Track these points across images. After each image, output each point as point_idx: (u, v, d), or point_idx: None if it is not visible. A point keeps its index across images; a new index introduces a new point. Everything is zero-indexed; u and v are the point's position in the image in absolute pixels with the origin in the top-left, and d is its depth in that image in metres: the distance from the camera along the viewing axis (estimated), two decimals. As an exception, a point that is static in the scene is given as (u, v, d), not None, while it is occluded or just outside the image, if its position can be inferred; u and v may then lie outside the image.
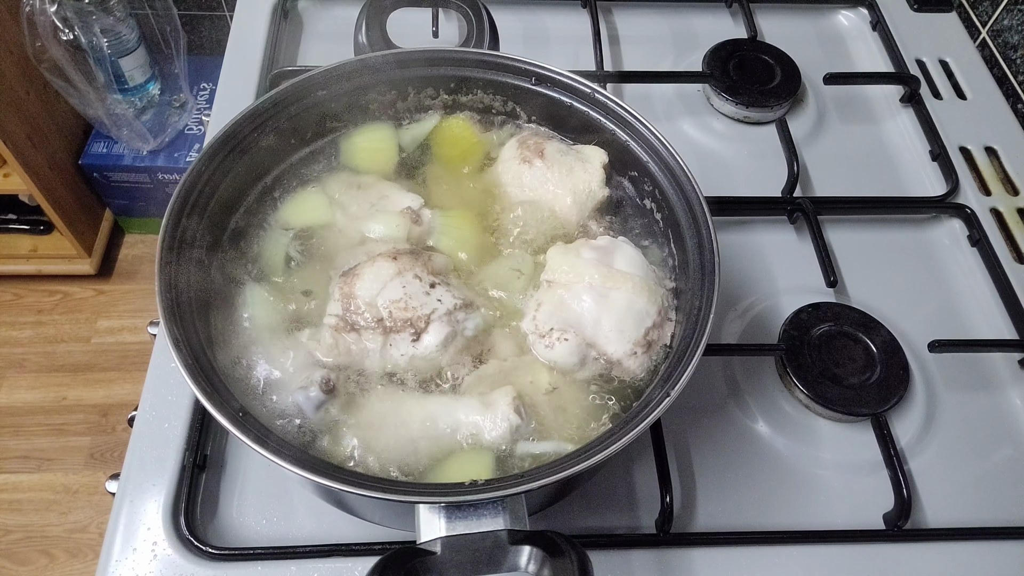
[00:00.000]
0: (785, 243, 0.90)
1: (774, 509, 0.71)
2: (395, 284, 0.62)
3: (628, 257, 0.65)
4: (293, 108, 0.69)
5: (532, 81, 0.72)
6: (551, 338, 0.62)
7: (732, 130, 1.01)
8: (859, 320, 0.80)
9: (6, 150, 1.66)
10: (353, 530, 0.67)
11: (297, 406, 0.59)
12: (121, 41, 1.74)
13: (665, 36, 1.11)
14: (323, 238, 0.69)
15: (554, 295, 0.64)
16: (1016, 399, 0.80)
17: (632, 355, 0.62)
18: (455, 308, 0.61)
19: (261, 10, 1.05)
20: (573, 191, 0.71)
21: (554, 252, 0.67)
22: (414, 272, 0.62)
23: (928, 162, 0.98)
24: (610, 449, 0.50)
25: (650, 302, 0.63)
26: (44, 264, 2.02)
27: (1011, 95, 1.07)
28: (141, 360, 1.97)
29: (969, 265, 0.90)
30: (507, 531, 0.49)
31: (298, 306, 0.65)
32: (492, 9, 0.78)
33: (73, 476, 1.80)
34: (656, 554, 0.67)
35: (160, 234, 0.58)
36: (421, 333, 0.60)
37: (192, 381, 0.52)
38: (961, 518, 0.72)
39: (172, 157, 1.90)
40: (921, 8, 1.15)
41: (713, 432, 0.75)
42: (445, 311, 0.61)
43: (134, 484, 0.68)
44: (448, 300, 0.61)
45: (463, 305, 0.62)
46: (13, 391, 1.92)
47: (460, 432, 0.59)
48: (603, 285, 0.63)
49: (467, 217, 0.71)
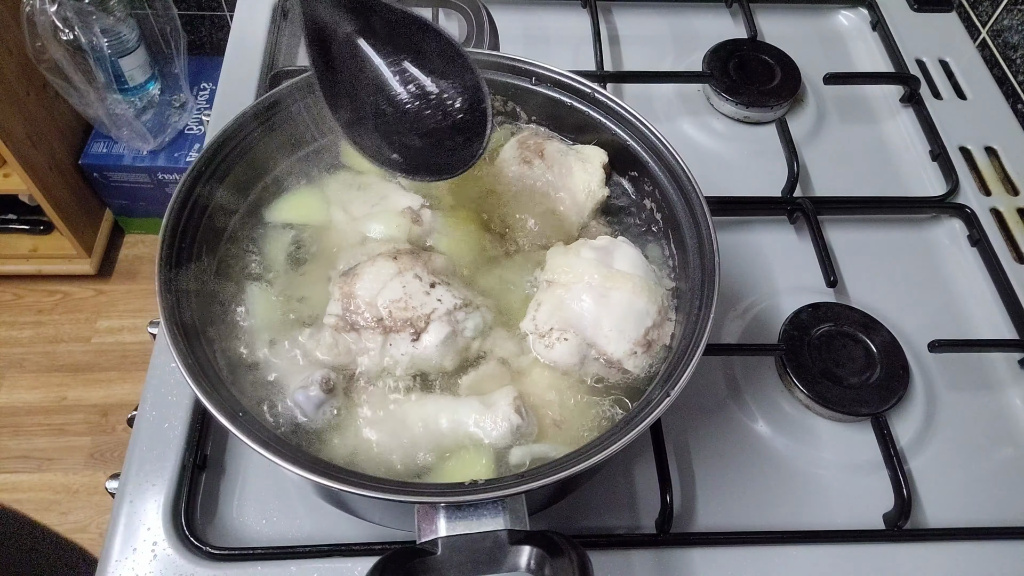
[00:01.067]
0: (785, 243, 0.90)
1: (774, 509, 0.71)
2: (395, 284, 0.62)
3: (628, 257, 0.65)
4: (293, 108, 0.69)
5: (532, 81, 0.72)
6: (551, 338, 0.62)
7: (732, 130, 1.01)
8: (859, 320, 0.80)
9: (6, 150, 1.67)
10: (353, 530, 0.67)
11: (297, 406, 0.59)
12: (121, 41, 1.74)
13: (665, 36, 1.11)
14: (323, 238, 0.69)
15: (554, 295, 0.64)
16: (1016, 399, 0.80)
17: (632, 355, 0.62)
18: (455, 308, 0.61)
19: (261, 10, 1.05)
20: (573, 191, 0.71)
21: (554, 252, 0.67)
22: (414, 272, 0.62)
23: (928, 162, 0.98)
24: (610, 449, 0.50)
25: (650, 302, 0.63)
26: (44, 264, 2.02)
27: (1011, 95, 1.07)
28: (141, 360, 1.98)
29: (969, 265, 0.90)
30: (507, 531, 0.49)
31: (298, 306, 0.65)
32: (492, 9, 0.78)
33: (73, 476, 1.80)
34: (656, 554, 0.67)
35: (160, 234, 0.58)
36: (421, 333, 0.60)
37: (192, 381, 0.52)
38: (961, 518, 0.72)
39: (172, 157, 1.90)
40: (921, 8, 1.15)
41: (713, 432, 0.75)
42: (445, 311, 0.61)
43: (134, 484, 0.68)
44: (448, 300, 0.61)
45: (463, 305, 0.62)
46: (13, 391, 1.92)
47: (460, 432, 0.59)
48: (603, 285, 0.63)
49: (467, 217, 0.71)
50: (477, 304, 0.64)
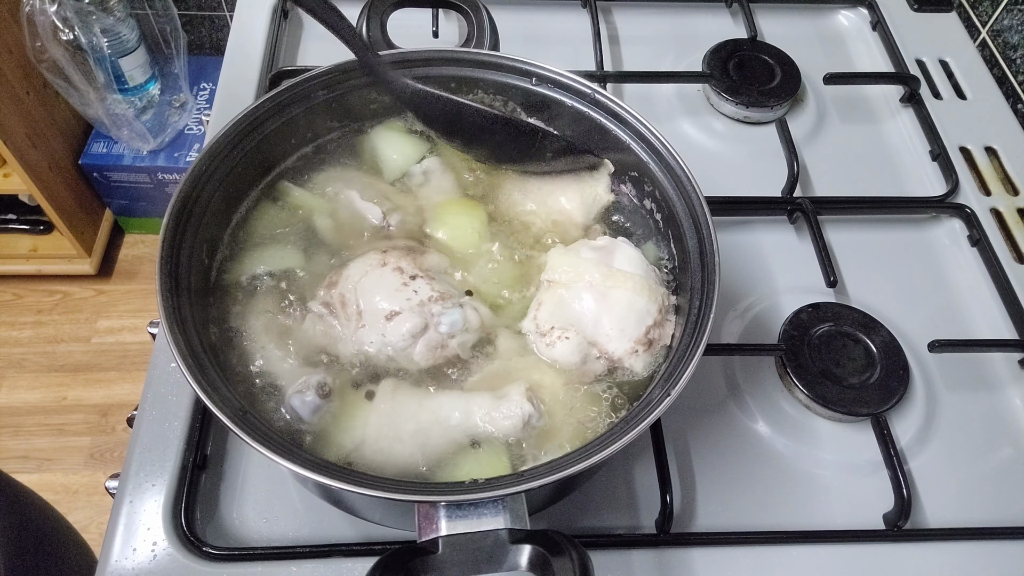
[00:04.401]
0: (785, 243, 0.90)
1: (774, 509, 0.71)
2: (375, 275, 0.62)
3: (628, 256, 0.65)
4: (293, 108, 0.69)
5: (532, 81, 0.72)
6: (552, 337, 0.62)
7: (732, 130, 1.01)
8: (859, 320, 0.80)
9: (6, 150, 1.67)
10: (353, 530, 0.67)
11: (293, 410, 0.59)
12: (121, 41, 1.74)
13: (665, 36, 1.11)
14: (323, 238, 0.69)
15: (554, 294, 0.64)
16: (1016, 399, 0.80)
17: (633, 353, 0.62)
18: (429, 300, 0.61)
19: (261, 10, 1.05)
20: (579, 195, 0.71)
21: (554, 253, 0.67)
22: (398, 265, 0.63)
23: (928, 162, 0.98)
24: (610, 449, 0.50)
25: (651, 301, 0.63)
26: (44, 264, 2.02)
27: (1011, 95, 1.07)
28: (141, 360, 1.98)
29: (969, 265, 0.90)
30: (507, 530, 0.49)
31: (296, 305, 0.65)
32: (492, 9, 0.78)
33: (73, 476, 1.80)
34: (656, 554, 0.67)
35: (160, 234, 0.58)
36: (390, 321, 0.60)
37: (192, 381, 0.52)
38: (961, 518, 0.72)
39: (172, 157, 1.90)
40: (921, 8, 1.15)
41: (713, 432, 0.75)
42: (418, 302, 0.61)
43: (134, 484, 0.68)
44: (425, 292, 0.62)
45: (439, 298, 0.62)
46: (13, 391, 1.92)
47: (470, 424, 0.58)
48: (603, 284, 0.63)
49: (469, 217, 0.71)
50: (460, 301, 0.63)
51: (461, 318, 0.62)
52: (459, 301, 0.63)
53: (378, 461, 0.58)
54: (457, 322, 0.62)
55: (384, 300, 0.61)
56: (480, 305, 0.65)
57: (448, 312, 0.62)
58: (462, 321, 0.62)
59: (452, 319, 0.62)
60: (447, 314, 0.62)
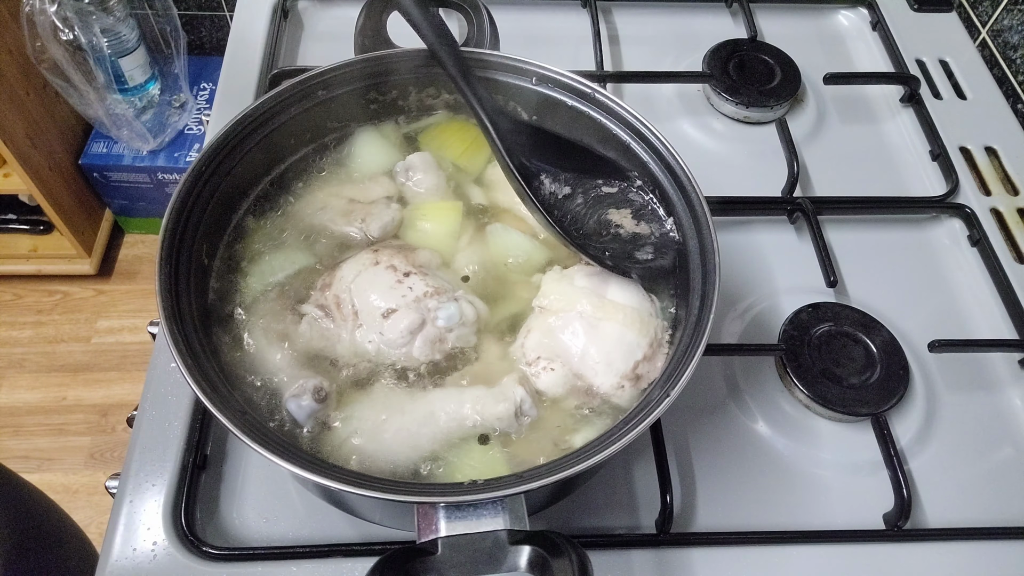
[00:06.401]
0: (785, 243, 0.90)
1: (774, 509, 0.71)
2: (369, 273, 0.63)
3: (622, 287, 0.64)
4: (294, 108, 0.69)
5: (532, 81, 0.72)
6: (537, 367, 0.61)
7: (732, 130, 1.01)
8: (859, 320, 0.80)
9: (6, 150, 1.67)
10: (353, 530, 0.67)
11: (289, 414, 0.59)
12: (121, 41, 1.74)
13: (665, 36, 1.11)
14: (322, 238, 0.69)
15: (544, 323, 0.63)
16: (1016, 399, 0.80)
17: (619, 388, 0.61)
18: (424, 295, 0.61)
19: (261, 10, 1.05)
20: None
21: (549, 278, 0.66)
22: (391, 263, 0.63)
23: (928, 162, 0.98)
24: (610, 449, 0.50)
25: (641, 334, 0.61)
26: (44, 264, 2.02)
27: (1011, 95, 1.07)
28: (141, 360, 1.98)
29: (969, 265, 0.90)
30: (507, 531, 0.49)
31: (295, 305, 0.65)
32: (492, 9, 0.78)
33: (73, 476, 1.80)
34: (656, 554, 0.67)
35: (160, 234, 0.58)
36: (387, 319, 0.60)
37: (192, 381, 0.52)
38: (961, 518, 0.72)
39: (172, 157, 1.90)
40: (921, 8, 1.15)
41: (713, 432, 0.75)
42: (414, 298, 0.61)
43: (134, 484, 0.68)
44: (419, 288, 0.62)
45: (434, 293, 0.62)
46: (13, 391, 1.92)
47: (463, 416, 0.58)
48: (593, 315, 0.62)
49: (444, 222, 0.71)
50: (455, 295, 0.63)
51: (457, 311, 0.62)
52: (454, 295, 0.63)
53: (377, 460, 0.58)
54: (454, 316, 0.62)
55: (380, 298, 0.61)
56: (475, 298, 0.65)
57: (444, 306, 0.62)
58: (458, 314, 0.62)
59: (449, 313, 0.62)
60: (443, 308, 0.62)
